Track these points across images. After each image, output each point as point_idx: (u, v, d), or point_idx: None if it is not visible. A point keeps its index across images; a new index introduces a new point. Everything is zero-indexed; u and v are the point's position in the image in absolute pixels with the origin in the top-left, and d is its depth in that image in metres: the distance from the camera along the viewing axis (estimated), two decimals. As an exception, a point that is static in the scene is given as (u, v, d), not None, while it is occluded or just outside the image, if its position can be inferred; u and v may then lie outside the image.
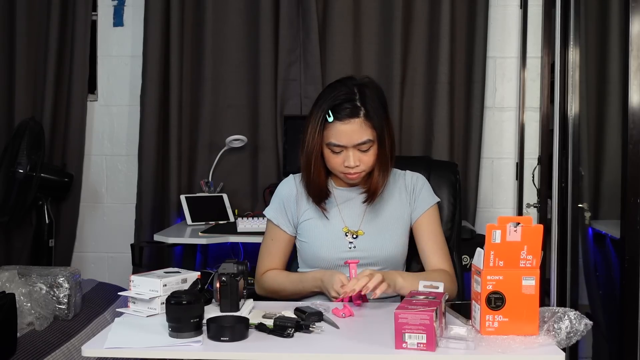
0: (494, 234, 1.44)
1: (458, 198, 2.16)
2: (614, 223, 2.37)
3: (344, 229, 1.93)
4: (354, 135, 1.82)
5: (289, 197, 1.98)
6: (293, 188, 1.99)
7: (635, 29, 2.05)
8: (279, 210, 1.99)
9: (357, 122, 1.81)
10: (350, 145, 1.82)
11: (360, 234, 1.93)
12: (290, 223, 1.98)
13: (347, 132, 1.81)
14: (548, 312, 1.46)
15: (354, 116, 1.81)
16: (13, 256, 3.39)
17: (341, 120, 1.81)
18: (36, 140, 3.11)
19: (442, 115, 3.29)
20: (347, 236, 1.93)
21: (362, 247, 1.92)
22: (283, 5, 3.30)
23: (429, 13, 3.29)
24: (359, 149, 1.84)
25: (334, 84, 1.91)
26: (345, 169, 1.86)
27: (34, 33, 3.43)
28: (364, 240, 1.93)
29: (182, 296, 1.46)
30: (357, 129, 1.82)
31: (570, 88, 2.90)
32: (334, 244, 1.92)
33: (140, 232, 3.36)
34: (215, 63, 3.38)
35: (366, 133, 1.83)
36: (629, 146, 2.06)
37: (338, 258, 1.91)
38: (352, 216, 1.95)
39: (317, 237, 1.94)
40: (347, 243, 1.92)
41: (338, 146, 1.83)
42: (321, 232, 1.94)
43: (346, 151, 1.84)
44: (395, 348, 1.37)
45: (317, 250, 1.93)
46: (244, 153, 3.39)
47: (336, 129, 1.82)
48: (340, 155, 1.85)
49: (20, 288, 2.22)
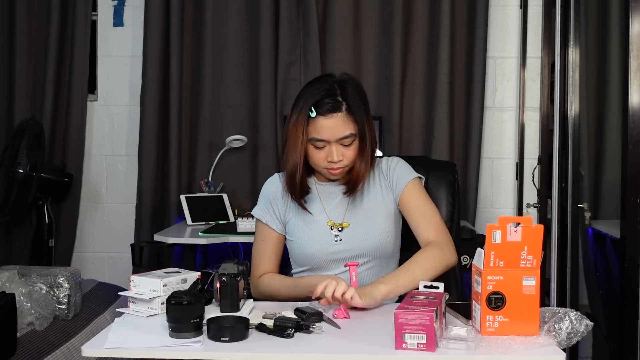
0: (494, 234, 1.44)
1: (457, 198, 2.15)
2: (614, 223, 2.37)
3: (328, 222, 1.93)
4: (337, 130, 1.83)
5: (275, 195, 1.99)
6: (279, 186, 1.98)
7: (635, 29, 2.05)
8: (266, 208, 1.99)
9: (340, 117, 1.83)
10: (333, 139, 1.84)
11: (345, 225, 1.92)
12: (278, 220, 1.97)
13: (329, 127, 1.83)
14: (548, 312, 1.46)
15: (336, 111, 1.82)
16: (13, 256, 3.39)
17: (324, 115, 1.82)
18: (36, 140, 3.11)
19: (442, 115, 3.29)
20: (332, 230, 1.92)
21: (347, 240, 1.90)
22: (283, 5, 3.30)
23: (429, 13, 3.29)
24: (341, 143, 1.85)
25: (313, 82, 1.93)
26: (328, 164, 1.86)
27: (34, 33, 3.43)
28: (349, 232, 1.91)
29: (183, 296, 1.45)
30: (339, 123, 1.83)
31: (570, 88, 2.90)
32: (320, 239, 1.91)
33: (140, 232, 3.36)
34: (215, 63, 3.39)
35: (348, 127, 1.84)
36: (629, 146, 2.06)
37: (325, 253, 1.90)
38: (335, 209, 1.94)
39: (303, 234, 1.94)
40: (333, 237, 1.91)
41: (321, 141, 1.84)
42: (306, 228, 1.93)
43: (329, 146, 1.85)
44: (395, 348, 1.37)
45: (305, 248, 1.93)
46: (244, 153, 3.39)
47: (319, 124, 1.83)
48: (323, 151, 1.86)
49: (20, 288, 2.22)
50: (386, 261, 1.94)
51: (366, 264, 1.91)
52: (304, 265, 1.96)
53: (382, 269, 1.92)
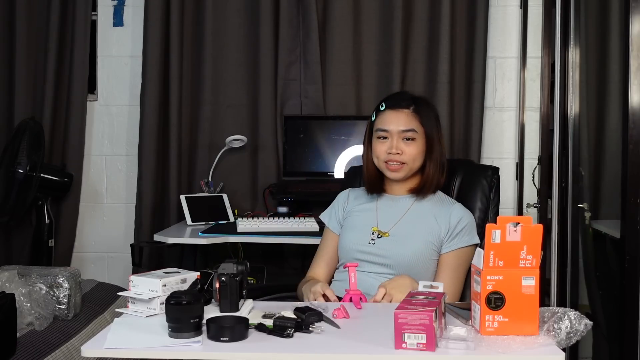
0: (493, 234, 1.44)
1: (491, 203, 2.15)
2: (614, 223, 2.36)
3: (373, 227, 2.02)
4: (400, 122, 1.95)
5: (340, 200, 2.15)
6: (345, 194, 2.16)
7: (635, 29, 2.04)
8: (329, 211, 2.16)
9: (406, 112, 1.97)
10: (396, 130, 1.95)
11: (385, 235, 2.00)
12: (336, 221, 2.13)
13: (394, 119, 1.96)
14: (548, 312, 1.46)
15: (404, 107, 1.97)
16: (13, 256, 3.38)
17: (391, 108, 1.98)
18: (36, 140, 3.11)
19: (442, 115, 3.27)
20: (373, 234, 2.01)
21: (380, 246, 1.98)
22: (283, 5, 3.30)
23: (429, 13, 3.29)
24: (403, 137, 1.95)
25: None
26: (388, 156, 1.96)
27: (34, 33, 3.43)
28: (386, 241, 1.99)
29: (182, 296, 1.45)
30: (404, 117, 1.96)
31: (570, 88, 2.90)
32: (358, 236, 2.02)
33: (140, 232, 3.35)
34: (215, 63, 3.38)
35: (412, 123, 1.96)
36: (629, 146, 2.06)
37: (356, 250, 2.00)
38: (387, 220, 2.03)
39: (348, 228, 2.06)
40: (369, 239, 2.00)
41: (384, 131, 1.97)
42: (354, 225, 2.06)
43: (391, 139, 1.96)
44: (395, 348, 1.37)
45: (343, 240, 2.05)
46: (244, 153, 3.39)
47: (385, 116, 1.98)
48: (386, 143, 1.97)
49: (20, 288, 2.22)
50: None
51: (393, 274, 1.95)
52: (340, 260, 2.06)
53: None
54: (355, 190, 2.16)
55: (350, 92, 3.35)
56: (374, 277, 1.95)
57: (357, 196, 2.13)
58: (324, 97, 3.35)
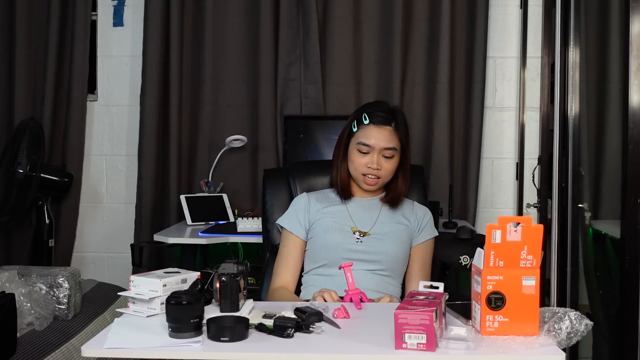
0: (494, 234, 1.44)
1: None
2: (614, 223, 2.36)
3: (352, 228, 2.06)
4: (384, 140, 2.02)
5: (300, 206, 2.13)
6: (306, 198, 2.14)
7: (635, 29, 2.04)
8: (290, 217, 2.12)
9: (388, 130, 2.03)
10: (378, 147, 2.02)
11: (367, 234, 2.06)
12: (301, 226, 2.09)
13: (378, 135, 2.02)
14: (548, 312, 1.46)
15: (387, 123, 2.04)
16: (13, 256, 3.38)
17: (375, 124, 2.03)
18: (36, 140, 3.11)
19: (442, 115, 3.29)
20: (354, 234, 2.05)
21: (368, 244, 2.04)
22: (283, 5, 3.30)
23: (429, 13, 3.29)
24: (384, 154, 2.02)
25: (367, 104, 2.17)
26: (367, 169, 2.02)
27: (34, 33, 3.43)
28: (370, 239, 2.05)
29: (182, 296, 1.45)
30: (387, 135, 2.03)
31: (570, 88, 2.90)
32: (340, 235, 2.04)
33: (140, 232, 3.36)
34: (215, 63, 3.39)
35: (393, 141, 2.04)
36: (629, 146, 2.06)
37: (345, 249, 2.02)
38: (363, 222, 2.08)
39: (327, 229, 2.06)
40: (355, 238, 2.04)
41: (366, 146, 2.02)
42: (329, 226, 2.07)
43: (372, 154, 2.02)
44: (395, 348, 1.37)
45: (327, 239, 2.04)
46: (244, 153, 3.39)
47: (369, 131, 2.03)
48: (366, 157, 2.03)
49: (20, 288, 2.22)
50: (398, 275, 2.08)
51: (383, 270, 2.03)
52: (321, 261, 2.04)
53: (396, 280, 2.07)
54: (314, 194, 2.16)
55: (350, 92, 3.35)
56: (364, 274, 2.00)
57: (319, 199, 2.13)
58: (324, 97, 3.35)
